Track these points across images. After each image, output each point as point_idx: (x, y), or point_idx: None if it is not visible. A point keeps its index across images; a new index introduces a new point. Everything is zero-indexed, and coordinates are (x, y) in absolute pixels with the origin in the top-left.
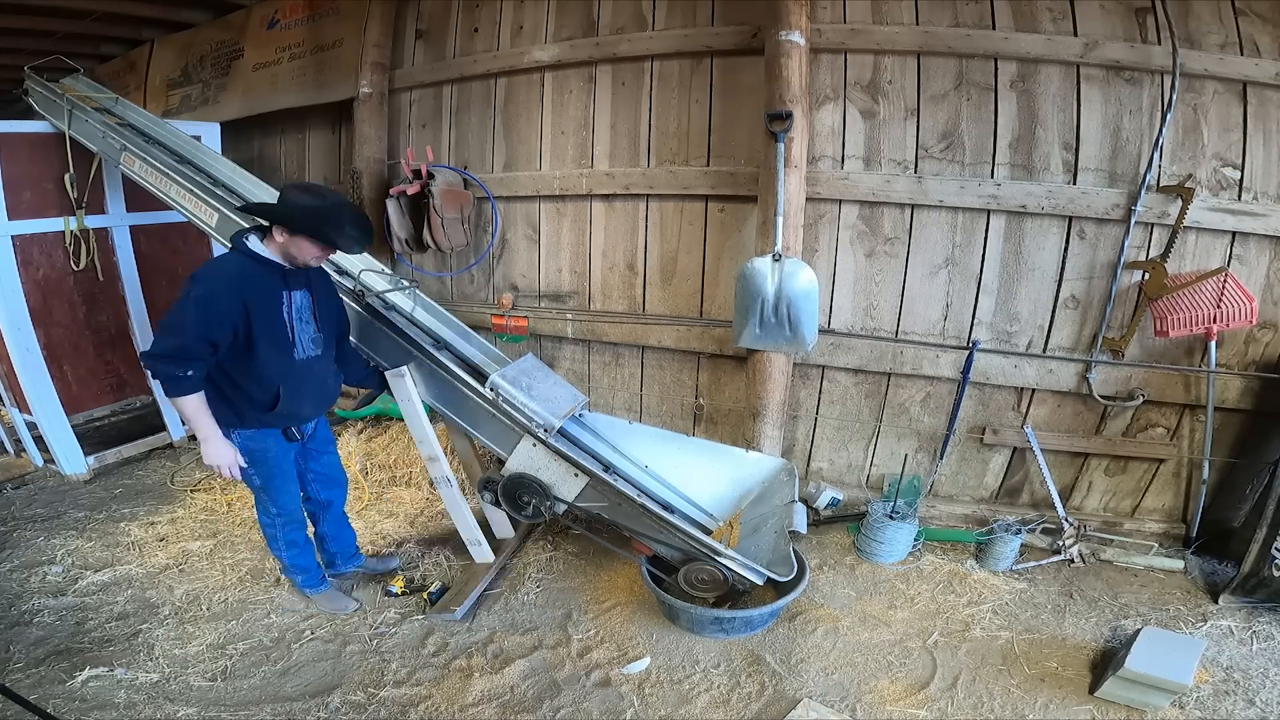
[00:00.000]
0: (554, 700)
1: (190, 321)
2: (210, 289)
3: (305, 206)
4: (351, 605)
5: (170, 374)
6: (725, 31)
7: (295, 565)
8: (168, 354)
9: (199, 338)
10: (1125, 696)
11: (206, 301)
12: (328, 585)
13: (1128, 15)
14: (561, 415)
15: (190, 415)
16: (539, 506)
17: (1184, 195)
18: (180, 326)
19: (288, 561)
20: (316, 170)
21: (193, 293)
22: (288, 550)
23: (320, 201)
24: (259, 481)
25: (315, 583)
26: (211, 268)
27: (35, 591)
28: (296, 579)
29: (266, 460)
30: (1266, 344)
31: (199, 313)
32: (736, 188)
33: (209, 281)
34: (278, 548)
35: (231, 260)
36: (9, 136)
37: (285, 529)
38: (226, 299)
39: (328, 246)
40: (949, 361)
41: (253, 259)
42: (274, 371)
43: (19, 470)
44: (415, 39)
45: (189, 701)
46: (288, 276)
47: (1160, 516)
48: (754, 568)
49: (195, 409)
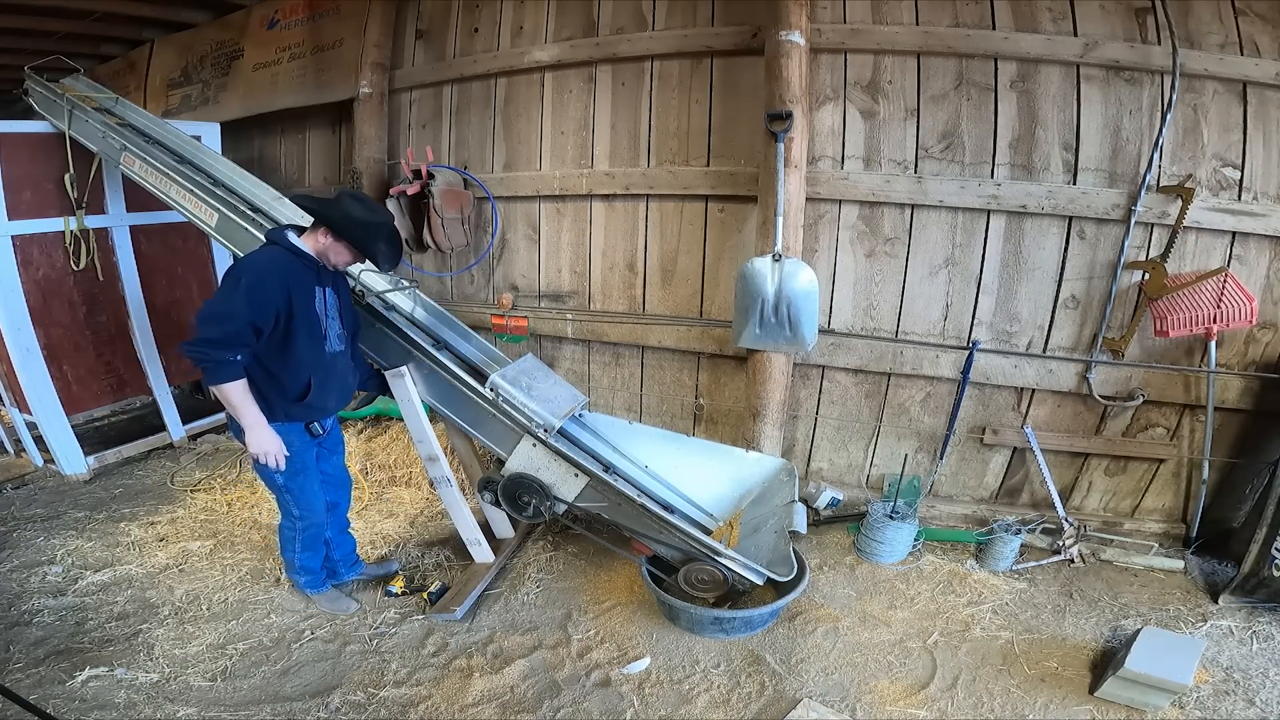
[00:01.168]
0: (554, 700)
1: (240, 308)
2: (259, 277)
3: (356, 217)
4: (353, 606)
5: (220, 359)
6: (725, 31)
7: (304, 566)
8: (218, 339)
9: (247, 323)
10: (1125, 696)
11: (256, 288)
12: (329, 586)
13: (1128, 15)
14: (561, 415)
15: (237, 402)
16: (539, 506)
17: (1184, 195)
18: (229, 313)
19: (299, 562)
20: (316, 170)
21: (243, 280)
22: (302, 552)
23: (370, 216)
24: (282, 480)
25: (318, 584)
26: (257, 259)
27: (35, 591)
28: (300, 579)
29: (291, 456)
30: (1266, 344)
31: (249, 299)
32: (736, 188)
33: (257, 270)
34: (292, 548)
35: (275, 253)
36: (9, 136)
37: (306, 531)
38: (274, 286)
39: (361, 257)
40: (949, 361)
41: (292, 253)
42: (307, 361)
43: (19, 470)
44: (415, 39)
45: (189, 701)
46: (320, 273)
47: (1160, 516)
48: (754, 568)
49: (242, 395)
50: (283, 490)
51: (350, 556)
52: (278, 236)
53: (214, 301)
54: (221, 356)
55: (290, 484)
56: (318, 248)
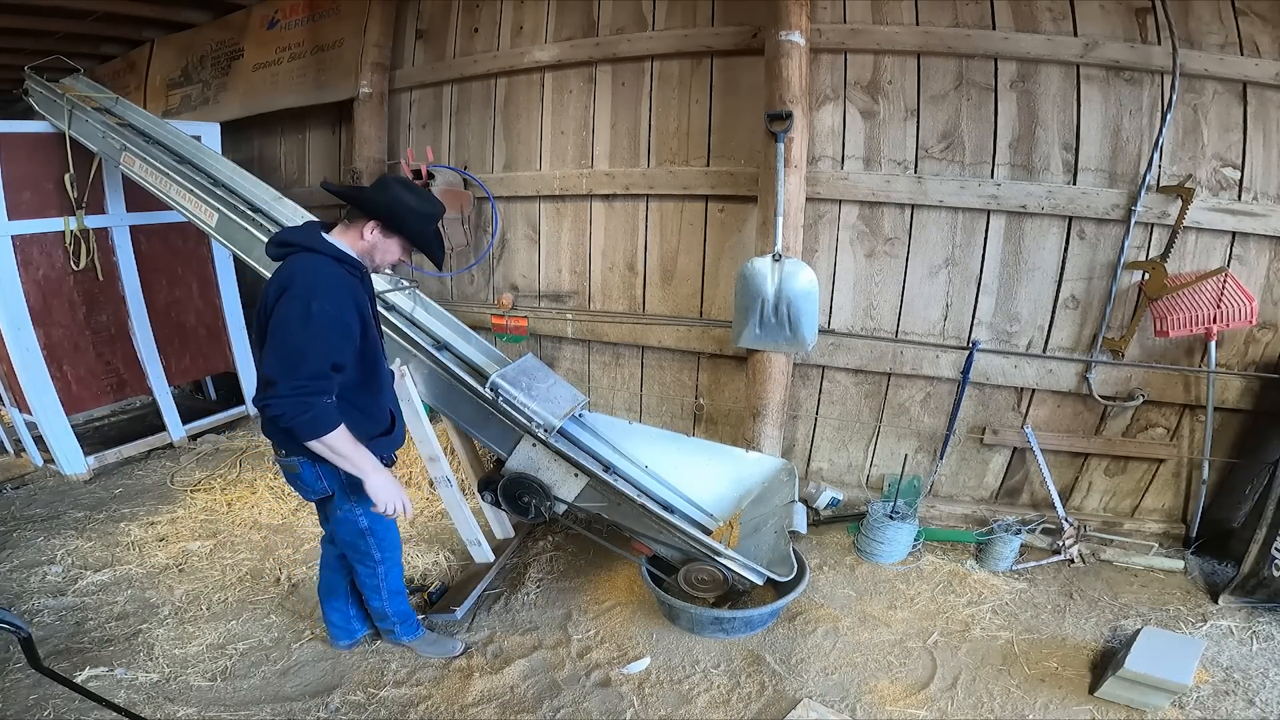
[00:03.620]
0: (554, 700)
1: (318, 340)
2: (332, 301)
3: (413, 207)
4: (459, 646)
5: (320, 408)
6: (725, 31)
7: (399, 612)
8: (306, 385)
9: (329, 357)
10: (1125, 696)
11: (329, 313)
12: (423, 629)
13: (1128, 15)
14: (561, 415)
15: (347, 451)
16: (539, 506)
17: (1184, 195)
18: (307, 349)
19: (391, 610)
20: (316, 170)
21: (311, 305)
22: (392, 598)
23: (424, 205)
24: (366, 523)
25: (416, 627)
26: (318, 277)
27: (35, 591)
28: (396, 629)
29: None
30: (1266, 344)
31: (327, 327)
32: (736, 188)
33: (327, 293)
34: (380, 599)
35: (329, 264)
36: (9, 136)
37: (390, 574)
38: (346, 306)
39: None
40: (949, 361)
41: (341, 260)
42: (387, 387)
43: (19, 470)
44: (415, 39)
45: (189, 701)
46: (364, 278)
47: (1160, 516)
48: (754, 568)
49: (350, 442)
50: (365, 534)
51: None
52: (314, 240)
53: (283, 340)
54: (320, 404)
55: (375, 525)
56: (363, 246)
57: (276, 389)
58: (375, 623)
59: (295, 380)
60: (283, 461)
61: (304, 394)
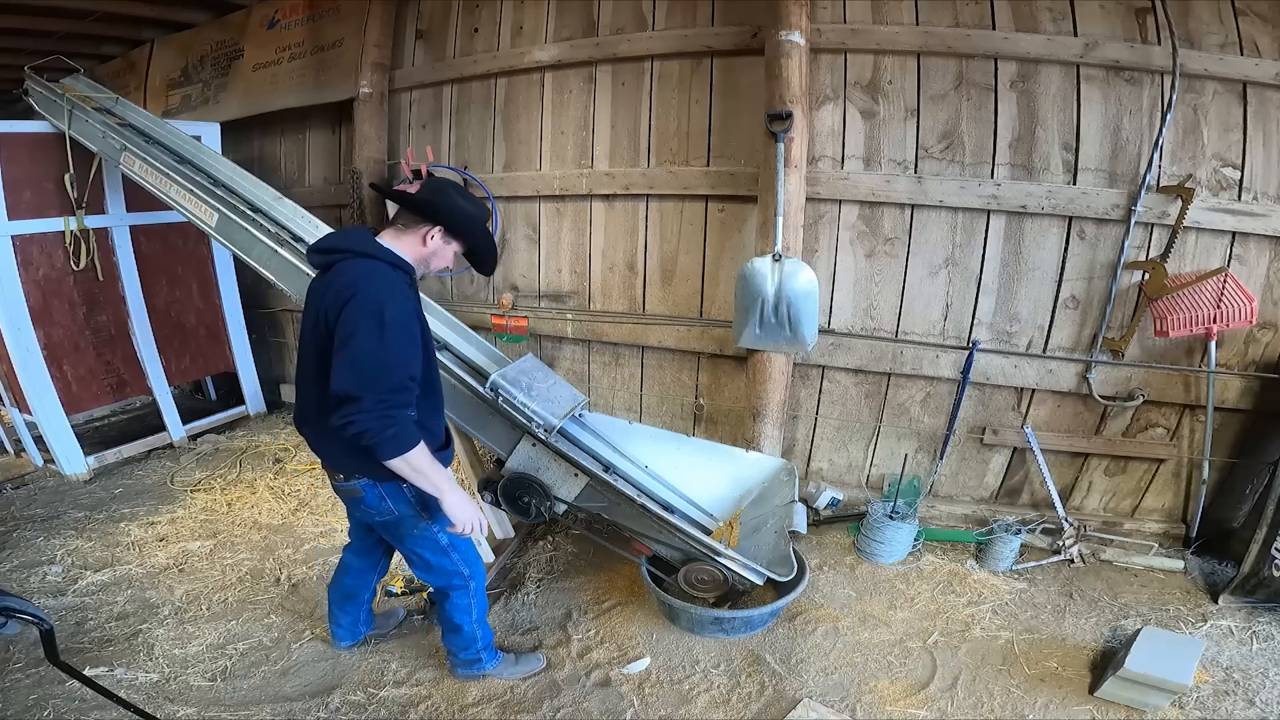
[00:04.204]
0: (554, 700)
1: (398, 351)
2: (401, 309)
3: (472, 213)
4: (540, 662)
5: (404, 423)
6: (725, 31)
7: (487, 639)
8: (390, 398)
9: (406, 371)
10: (1125, 696)
11: (402, 323)
12: (500, 652)
13: (1128, 15)
14: (561, 415)
15: (425, 469)
16: (539, 506)
17: (1184, 195)
18: (390, 360)
19: (483, 638)
20: (316, 170)
21: (384, 315)
22: (482, 625)
23: (482, 212)
24: (447, 539)
25: (496, 653)
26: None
27: (35, 591)
28: (483, 658)
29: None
30: (1266, 344)
31: (403, 339)
32: (736, 188)
33: (396, 301)
34: (471, 622)
35: (389, 271)
36: (9, 136)
37: (479, 592)
38: (413, 315)
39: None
40: (949, 362)
41: (396, 266)
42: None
43: (19, 470)
44: (415, 39)
45: (189, 701)
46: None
47: (1160, 516)
48: (754, 568)
49: (430, 460)
50: (448, 551)
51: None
52: (370, 246)
53: (357, 352)
54: (400, 418)
55: (456, 540)
56: (423, 253)
57: (360, 404)
58: (457, 654)
59: (378, 394)
60: (342, 486)
61: (387, 408)
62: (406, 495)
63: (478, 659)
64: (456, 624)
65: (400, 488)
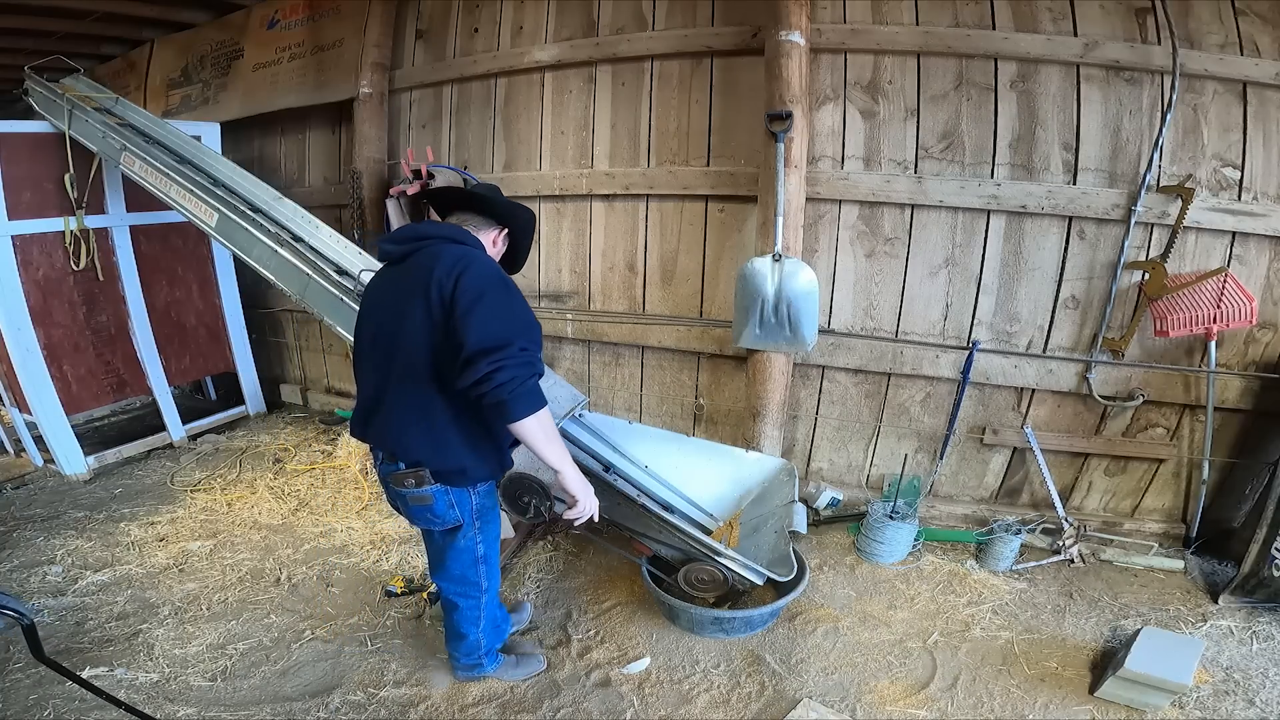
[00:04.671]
0: (554, 700)
1: (528, 312)
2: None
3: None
4: (540, 661)
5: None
6: (725, 31)
7: (491, 645)
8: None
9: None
10: (1125, 696)
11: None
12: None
13: (1128, 15)
14: (561, 415)
15: (554, 433)
16: (539, 506)
17: (1184, 195)
18: (524, 316)
19: (486, 642)
20: (316, 170)
21: (508, 284)
22: (488, 632)
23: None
24: (483, 550)
25: (497, 658)
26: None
27: (35, 591)
28: (485, 662)
29: (494, 521)
30: (1266, 344)
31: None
32: (736, 188)
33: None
34: (477, 631)
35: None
36: (9, 136)
37: (491, 603)
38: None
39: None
40: (949, 362)
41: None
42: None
43: (19, 470)
44: (415, 39)
45: (189, 701)
46: None
47: (1160, 516)
48: (754, 568)
49: (554, 427)
50: (480, 563)
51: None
52: (462, 235)
53: (492, 307)
54: (542, 368)
55: (490, 552)
56: (491, 252)
57: (507, 350)
58: (459, 658)
59: (521, 342)
60: (414, 493)
61: (530, 355)
62: (471, 503)
63: (479, 664)
64: (463, 633)
65: (468, 494)
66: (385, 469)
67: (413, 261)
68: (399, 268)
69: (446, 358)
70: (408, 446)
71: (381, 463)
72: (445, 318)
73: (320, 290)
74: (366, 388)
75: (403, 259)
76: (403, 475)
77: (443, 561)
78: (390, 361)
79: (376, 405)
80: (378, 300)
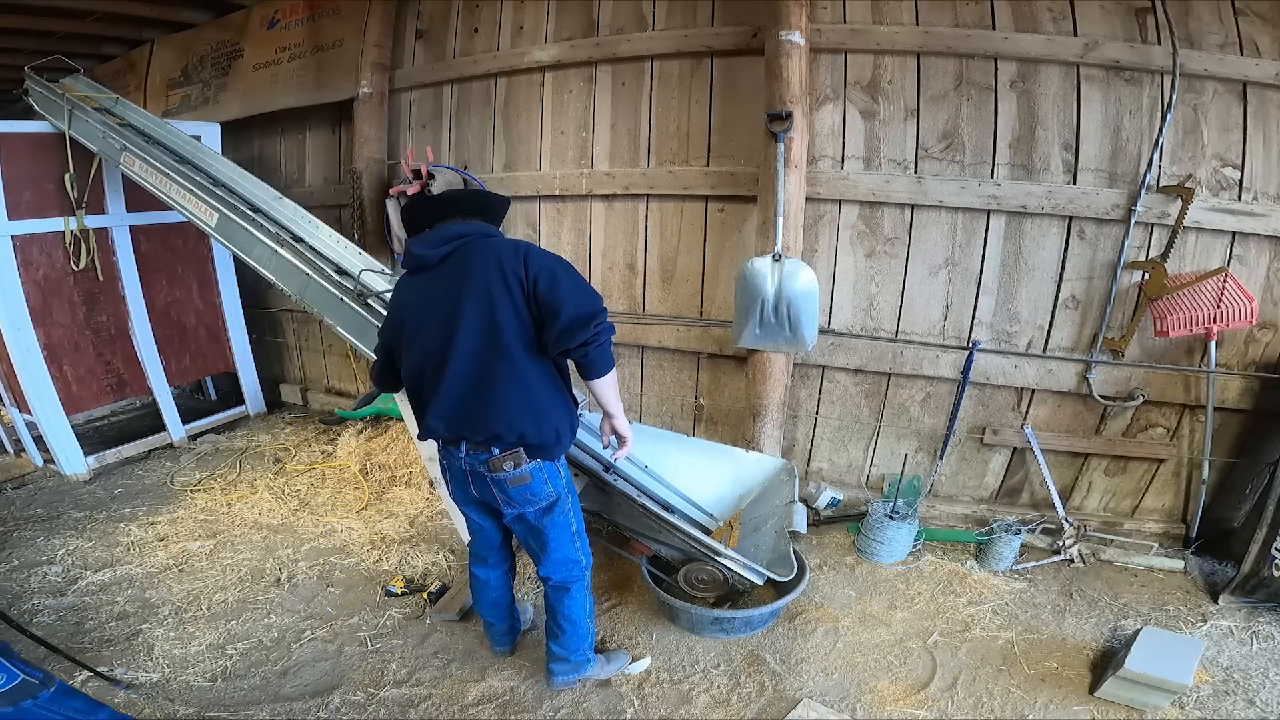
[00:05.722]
0: (554, 700)
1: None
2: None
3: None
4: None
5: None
6: (725, 31)
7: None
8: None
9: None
10: (1125, 696)
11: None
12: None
13: (1128, 15)
14: None
15: (616, 387)
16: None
17: (1184, 195)
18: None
19: (591, 631)
20: (316, 170)
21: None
22: (591, 617)
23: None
24: (577, 524)
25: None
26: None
27: (35, 591)
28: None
29: (576, 498)
30: (1266, 344)
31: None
32: (736, 188)
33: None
34: (587, 621)
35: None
36: (9, 136)
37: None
38: None
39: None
40: (949, 361)
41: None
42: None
43: (19, 470)
44: (415, 39)
45: (189, 701)
46: None
47: (1160, 516)
48: (754, 568)
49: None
50: (576, 538)
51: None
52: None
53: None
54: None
55: (581, 528)
56: None
57: (602, 315)
58: (569, 656)
59: (600, 306)
60: (514, 474)
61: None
62: (562, 476)
63: (587, 659)
64: (574, 619)
65: (556, 469)
66: (476, 459)
67: (459, 257)
68: (439, 269)
69: (531, 331)
70: (510, 421)
71: (468, 454)
72: (525, 297)
73: (320, 290)
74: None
75: (442, 260)
76: (500, 459)
77: (544, 545)
78: (472, 351)
79: (466, 396)
80: (426, 301)
